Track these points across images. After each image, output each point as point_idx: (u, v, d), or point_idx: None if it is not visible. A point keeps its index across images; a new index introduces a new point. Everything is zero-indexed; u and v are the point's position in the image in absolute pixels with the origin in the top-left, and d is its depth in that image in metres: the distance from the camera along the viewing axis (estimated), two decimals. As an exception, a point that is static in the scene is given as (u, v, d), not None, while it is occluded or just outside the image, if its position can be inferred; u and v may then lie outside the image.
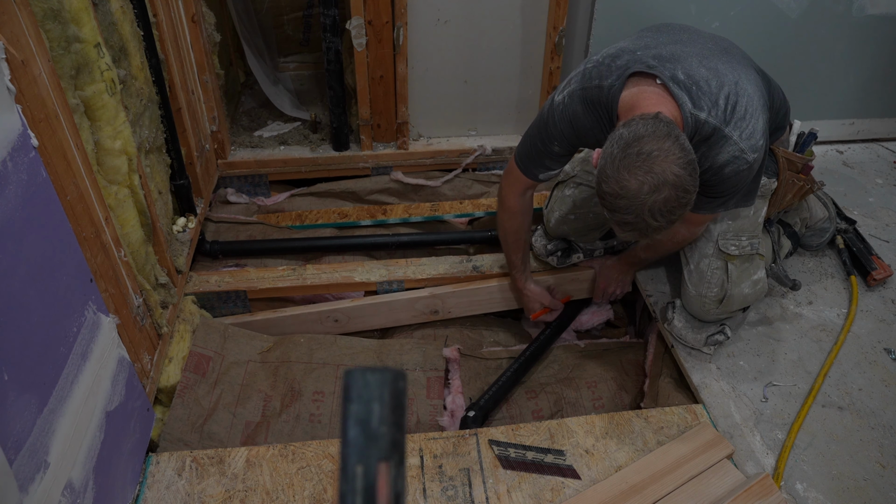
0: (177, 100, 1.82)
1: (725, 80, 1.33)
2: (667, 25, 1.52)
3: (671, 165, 1.16)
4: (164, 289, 1.62)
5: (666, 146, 1.16)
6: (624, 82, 1.34)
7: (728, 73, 1.35)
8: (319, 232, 2.22)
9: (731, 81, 1.34)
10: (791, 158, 1.64)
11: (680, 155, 1.17)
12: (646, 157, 1.16)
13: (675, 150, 1.17)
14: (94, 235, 1.22)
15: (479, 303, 1.96)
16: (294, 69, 3.00)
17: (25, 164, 0.99)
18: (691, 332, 1.68)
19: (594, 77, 1.39)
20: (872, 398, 1.57)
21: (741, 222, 1.61)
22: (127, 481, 1.31)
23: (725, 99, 1.32)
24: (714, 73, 1.34)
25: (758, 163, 1.39)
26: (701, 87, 1.32)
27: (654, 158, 1.16)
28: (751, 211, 1.61)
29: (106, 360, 1.22)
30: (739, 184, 1.39)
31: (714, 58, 1.38)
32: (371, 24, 2.09)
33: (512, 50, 2.27)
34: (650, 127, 1.18)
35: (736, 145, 1.32)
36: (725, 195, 1.43)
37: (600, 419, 1.51)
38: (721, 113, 1.32)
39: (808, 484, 1.38)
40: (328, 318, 1.89)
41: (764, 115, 1.37)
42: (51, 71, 1.10)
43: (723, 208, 1.51)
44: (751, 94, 1.35)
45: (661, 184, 1.16)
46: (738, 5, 2.15)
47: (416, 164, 2.42)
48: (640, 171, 1.16)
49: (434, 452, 1.42)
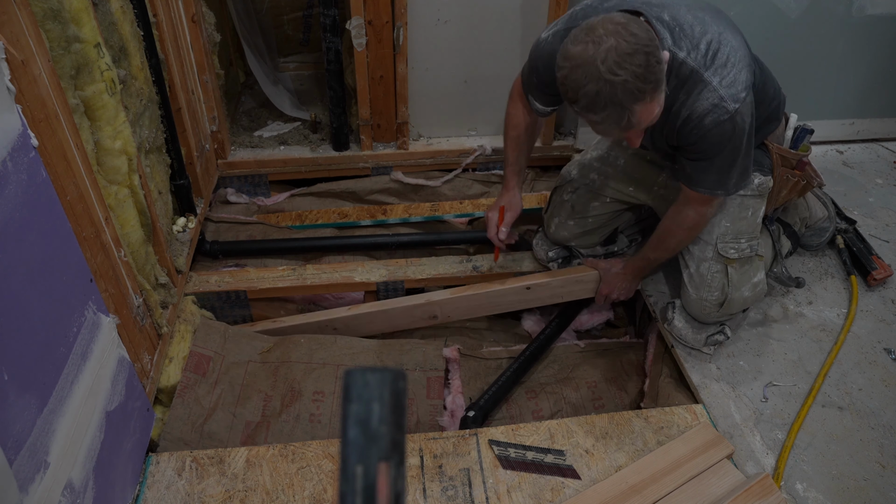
0: (177, 100, 1.82)
1: (709, 29, 1.33)
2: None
3: (615, 27, 1.16)
4: (164, 289, 1.62)
5: (612, 21, 1.17)
6: None
7: (713, 25, 1.34)
8: (319, 232, 2.22)
9: (715, 31, 1.33)
10: (784, 154, 1.63)
11: (626, 23, 1.17)
12: (588, 28, 1.18)
13: (618, 20, 1.17)
14: (94, 235, 1.22)
15: (479, 307, 1.94)
16: (294, 69, 3.00)
17: (25, 164, 0.99)
18: (691, 332, 1.68)
19: (580, 18, 1.38)
20: (872, 398, 1.57)
21: (740, 224, 1.60)
22: (127, 481, 1.31)
23: (707, 44, 1.31)
24: (699, 22, 1.33)
25: (742, 118, 1.32)
26: (684, 30, 1.31)
27: (596, 26, 1.17)
28: (748, 211, 1.60)
29: (106, 360, 1.22)
30: (724, 141, 1.34)
31: (703, 11, 1.37)
32: (371, 24, 2.09)
33: (512, 50, 2.27)
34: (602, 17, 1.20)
35: (715, 92, 1.29)
36: (713, 155, 1.38)
37: (600, 419, 1.51)
38: (701, 57, 1.30)
39: (808, 484, 1.38)
40: (327, 327, 1.88)
41: (748, 71, 1.34)
42: (51, 71, 1.10)
43: (721, 184, 1.44)
44: (735, 46, 1.33)
45: (605, 36, 1.15)
46: (738, 5, 2.15)
47: (416, 164, 2.42)
48: (582, 38, 1.18)
49: (434, 452, 1.42)
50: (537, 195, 2.37)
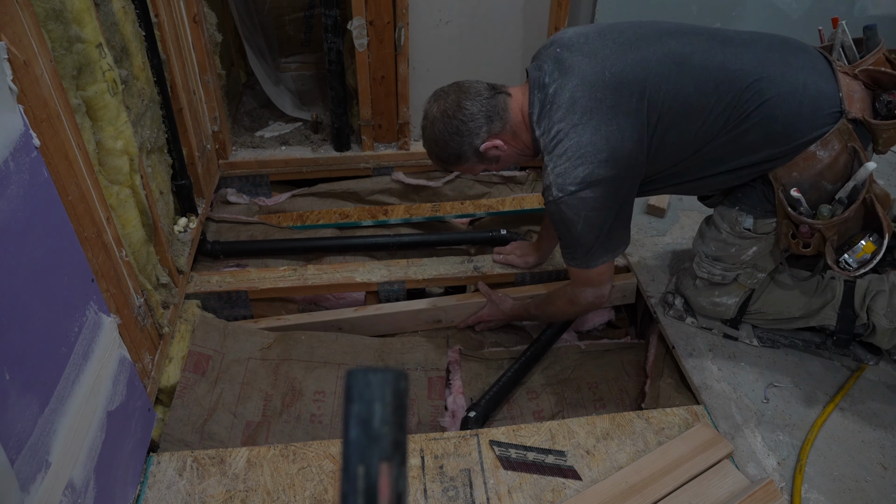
0: (178, 100, 1.82)
1: (567, 118, 1.37)
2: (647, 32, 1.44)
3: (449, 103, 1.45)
4: (165, 289, 1.62)
5: (458, 91, 1.46)
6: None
7: (578, 116, 1.36)
8: (320, 232, 2.22)
9: (570, 122, 1.37)
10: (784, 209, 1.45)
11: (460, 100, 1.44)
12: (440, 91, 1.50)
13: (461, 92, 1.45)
14: (95, 235, 1.22)
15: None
16: (295, 69, 3.01)
17: (27, 165, 0.99)
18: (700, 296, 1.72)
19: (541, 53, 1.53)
20: (874, 399, 1.57)
21: (722, 253, 1.61)
22: (128, 481, 1.32)
23: (556, 133, 1.39)
24: (570, 108, 1.37)
25: (567, 207, 1.38)
26: (552, 111, 1.40)
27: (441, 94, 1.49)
28: (732, 248, 1.58)
29: (107, 360, 1.22)
30: (556, 219, 1.44)
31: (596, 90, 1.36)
32: (372, 24, 2.09)
33: (513, 51, 2.28)
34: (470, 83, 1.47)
35: (548, 176, 1.40)
36: (556, 227, 1.48)
37: (601, 420, 1.51)
38: (549, 141, 1.40)
39: (809, 485, 1.38)
40: (332, 327, 1.88)
41: (593, 169, 1.35)
42: (53, 71, 1.11)
43: (570, 257, 1.52)
44: (583, 143, 1.35)
45: (434, 105, 1.47)
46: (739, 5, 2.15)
47: (417, 165, 2.41)
48: (433, 96, 1.50)
49: (435, 453, 1.42)
50: (537, 195, 2.38)
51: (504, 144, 1.48)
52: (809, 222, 1.41)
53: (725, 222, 1.57)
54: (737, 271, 1.62)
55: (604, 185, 1.37)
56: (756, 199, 1.50)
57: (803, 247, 1.46)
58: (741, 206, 1.53)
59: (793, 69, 1.40)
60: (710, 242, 1.62)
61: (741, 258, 1.59)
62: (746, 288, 1.64)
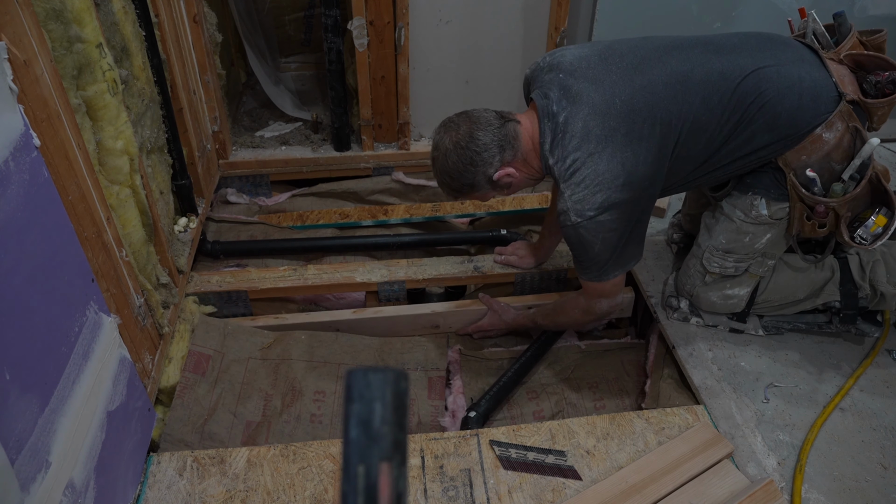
0: (178, 100, 1.82)
1: (583, 147, 1.39)
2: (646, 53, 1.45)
3: (461, 134, 1.46)
4: (165, 289, 1.62)
5: (468, 121, 1.47)
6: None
7: (594, 145, 1.38)
8: (321, 232, 2.22)
9: (588, 151, 1.38)
10: (798, 192, 1.49)
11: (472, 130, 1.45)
12: (448, 122, 1.50)
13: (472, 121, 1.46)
14: (95, 235, 1.22)
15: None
16: (295, 69, 3.01)
17: (27, 164, 0.99)
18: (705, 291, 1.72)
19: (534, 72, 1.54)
20: (874, 399, 1.57)
21: (734, 245, 1.62)
22: (128, 481, 1.32)
23: (572, 162, 1.40)
24: (585, 138, 1.39)
25: (586, 231, 1.41)
26: (564, 140, 1.41)
27: (452, 124, 1.49)
28: (746, 237, 1.59)
29: (107, 360, 1.22)
30: (572, 242, 1.47)
31: (609, 119, 1.38)
32: (373, 24, 2.09)
33: (514, 51, 2.28)
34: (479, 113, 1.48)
35: (565, 202, 1.41)
36: (571, 248, 1.50)
37: (601, 420, 1.51)
38: (564, 170, 1.41)
39: (809, 485, 1.38)
40: (330, 328, 1.88)
41: (610, 194, 1.38)
42: (53, 71, 1.11)
43: (585, 273, 1.53)
44: (600, 171, 1.38)
45: (445, 137, 1.48)
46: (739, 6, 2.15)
47: (417, 165, 2.42)
48: (441, 127, 1.51)
49: (435, 453, 1.42)
50: (538, 195, 2.37)
51: (516, 172, 1.49)
52: (825, 201, 1.46)
53: (739, 210, 1.58)
54: (749, 261, 1.63)
55: (621, 208, 1.40)
56: (768, 181, 1.53)
57: (819, 227, 1.51)
58: (754, 191, 1.55)
59: (785, 65, 1.45)
60: (718, 235, 1.63)
61: (755, 247, 1.61)
62: (757, 277, 1.66)
